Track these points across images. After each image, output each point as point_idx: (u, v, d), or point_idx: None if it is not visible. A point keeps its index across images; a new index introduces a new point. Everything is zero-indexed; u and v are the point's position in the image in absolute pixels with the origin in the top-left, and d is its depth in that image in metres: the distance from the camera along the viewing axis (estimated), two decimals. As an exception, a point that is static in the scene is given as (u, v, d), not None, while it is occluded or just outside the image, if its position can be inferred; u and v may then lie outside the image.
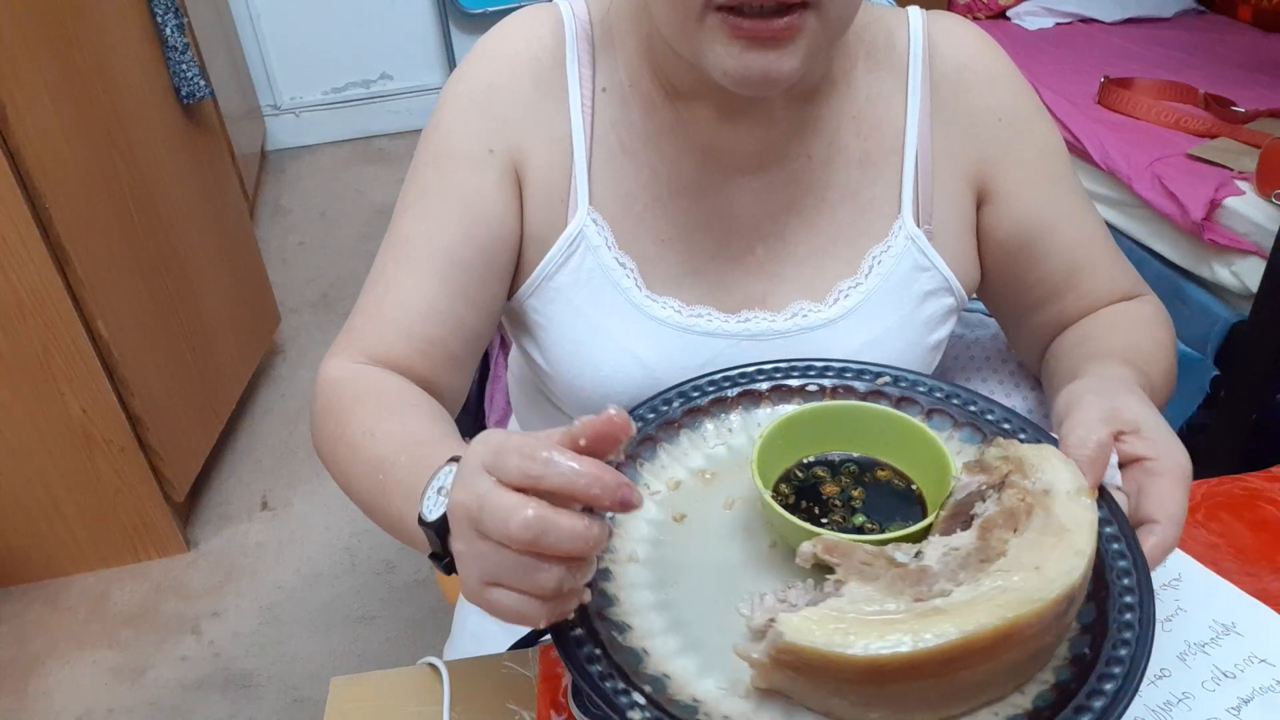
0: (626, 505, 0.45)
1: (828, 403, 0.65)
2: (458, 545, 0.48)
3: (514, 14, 0.75)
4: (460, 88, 0.73)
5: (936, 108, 0.74)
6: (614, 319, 0.73)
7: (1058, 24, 2.26)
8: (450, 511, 0.48)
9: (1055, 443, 0.59)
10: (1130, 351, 0.71)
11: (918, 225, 0.74)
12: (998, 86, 0.75)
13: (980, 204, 0.77)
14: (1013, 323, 0.85)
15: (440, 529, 0.50)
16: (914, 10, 0.76)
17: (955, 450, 0.61)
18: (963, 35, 0.76)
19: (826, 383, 0.69)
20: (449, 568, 0.51)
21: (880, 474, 0.62)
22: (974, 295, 0.83)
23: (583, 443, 0.45)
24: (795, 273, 0.75)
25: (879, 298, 0.74)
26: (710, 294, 0.75)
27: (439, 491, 0.51)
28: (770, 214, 0.74)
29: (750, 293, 0.75)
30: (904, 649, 0.44)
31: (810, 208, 0.74)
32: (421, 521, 0.51)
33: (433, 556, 0.52)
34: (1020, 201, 0.76)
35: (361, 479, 0.63)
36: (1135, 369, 0.68)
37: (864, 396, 0.67)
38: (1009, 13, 2.32)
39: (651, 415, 0.66)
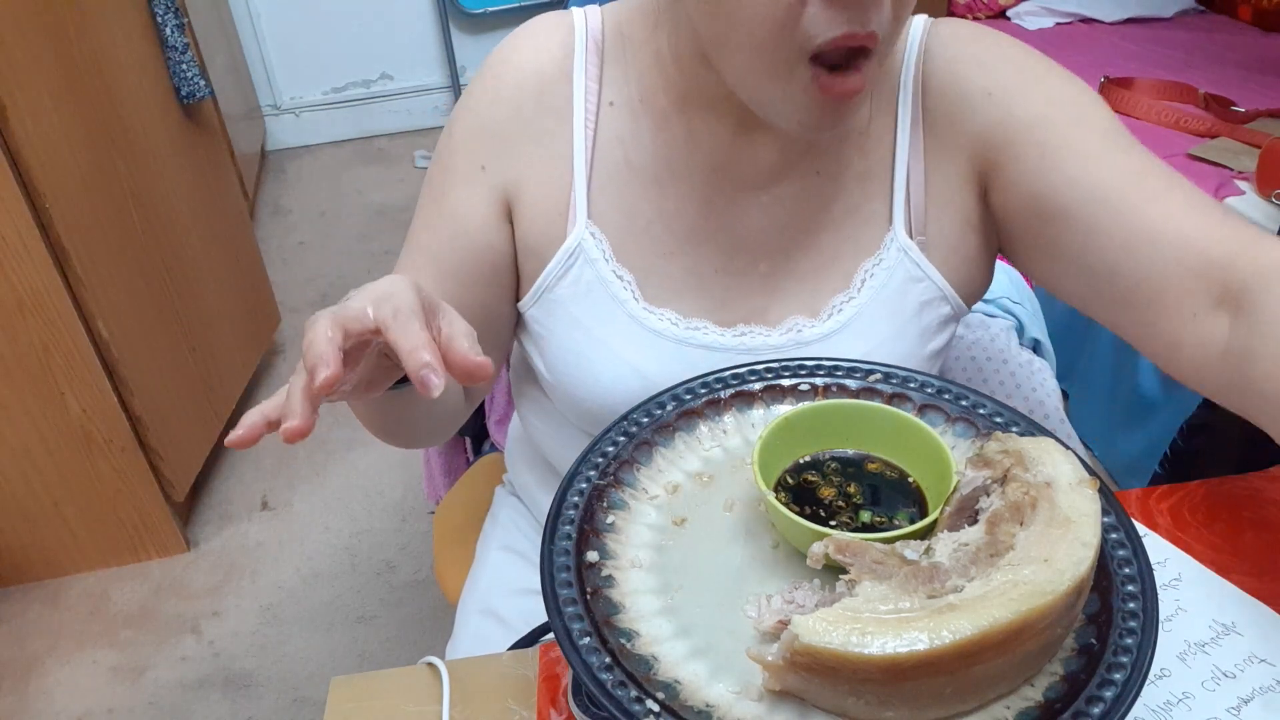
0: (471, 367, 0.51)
1: (825, 401, 0.65)
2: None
3: (527, 23, 0.75)
4: (470, 102, 0.75)
5: (928, 114, 0.73)
6: (611, 330, 0.74)
7: (1058, 24, 2.27)
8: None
9: (1049, 436, 0.59)
10: None
11: (910, 237, 0.74)
12: (986, 65, 0.72)
13: (986, 191, 0.73)
14: (1122, 324, 0.70)
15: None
16: (918, 19, 0.74)
17: (949, 445, 0.61)
18: (957, 30, 0.74)
19: (819, 381, 0.68)
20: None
21: (871, 467, 0.62)
22: (975, 302, 0.82)
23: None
24: (796, 288, 0.75)
25: (871, 311, 0.74)
26: (710, 308, 0.75)
27: None
28: (777, 229, 0.74)
29: (750, 307, 0.75)
30: (921, 646, 0.44)
31: (815, 223, 0.74)
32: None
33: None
34: (1024, 165, 0.70)
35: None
36: None
37: (856, 394, 0.67)
38: (1009, 12, 2.32)
39: (645, 419, 0.66)
